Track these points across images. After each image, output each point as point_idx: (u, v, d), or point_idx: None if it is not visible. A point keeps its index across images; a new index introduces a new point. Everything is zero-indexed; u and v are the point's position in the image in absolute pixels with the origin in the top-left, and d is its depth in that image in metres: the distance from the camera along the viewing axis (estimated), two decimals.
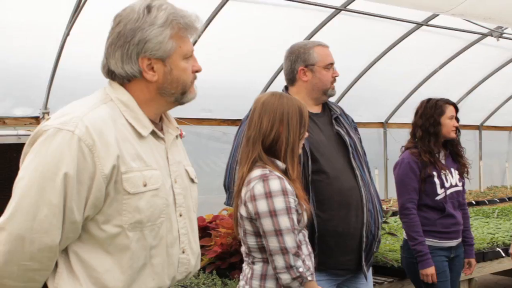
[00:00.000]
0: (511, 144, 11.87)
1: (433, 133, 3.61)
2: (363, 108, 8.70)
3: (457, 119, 3.70)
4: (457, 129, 3.69)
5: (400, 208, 3.61)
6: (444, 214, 3.59)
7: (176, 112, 1.98)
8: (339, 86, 8.58)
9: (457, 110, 3.71)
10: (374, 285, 3.27)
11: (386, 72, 8.08)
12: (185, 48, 1.84)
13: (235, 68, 6.89)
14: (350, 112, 3.41)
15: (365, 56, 7.71)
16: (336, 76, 3.06)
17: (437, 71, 8.52)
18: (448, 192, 3.62)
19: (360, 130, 9.01)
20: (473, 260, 3.82)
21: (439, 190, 3.59)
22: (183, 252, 1.89)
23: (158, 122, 1.91)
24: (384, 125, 9.19)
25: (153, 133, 1.84)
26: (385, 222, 4.69)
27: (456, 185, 3.68)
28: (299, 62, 2.99)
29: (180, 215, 1.88)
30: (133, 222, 1.72)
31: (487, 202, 8.40)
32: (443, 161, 3.67)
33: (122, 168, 1.70)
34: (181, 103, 1.90)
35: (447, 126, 3.62)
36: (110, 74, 1.83)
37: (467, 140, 10.79)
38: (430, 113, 3.63)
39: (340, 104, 7.55)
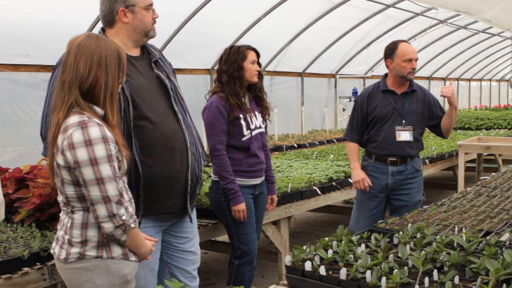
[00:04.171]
0: (330, 90, 12.66)
1: (237, 77, 3.77)
2: (190, 54, 8.68)
3: (259, 64, 3.90)
4: (260, 74, 3.90)
5: (211, 150, 3.74)
6: (249, 154, 3.81)
7: None
8: (165, 31, 8.41)
9: (258, 55, 3.89)
10: (198, 227, 3.33)
11: (213, 19, 8.11)
12: None
13: (55, 9, 6.47)
14: (177, 57, 3.37)
15: (191, 1, 7.64)
16: (156, 18, 2.96)
17: (261, 19, 8.73)
18: (254, 133, 3.83)
19: (187, 76, 8.94)
20: (275, 197, 4.15)
21: (245, 132, 3.79)
22: None
23: None
24: (210, 71, 9.25)
25: None
26: (208, 166, 4.77)
27: (260, 127, 3.92)
28: (119, 2, 2.84)
29: None
30: None
31: (307, 145, 8.86)
32: (248, 104, 3.86)
33: None
34: None
35: (249, 70, 3.80)
36: None
37: (290, 87, 11.36)
38: (234, 59, 3.79)
39: (166, 49, 7.49)
